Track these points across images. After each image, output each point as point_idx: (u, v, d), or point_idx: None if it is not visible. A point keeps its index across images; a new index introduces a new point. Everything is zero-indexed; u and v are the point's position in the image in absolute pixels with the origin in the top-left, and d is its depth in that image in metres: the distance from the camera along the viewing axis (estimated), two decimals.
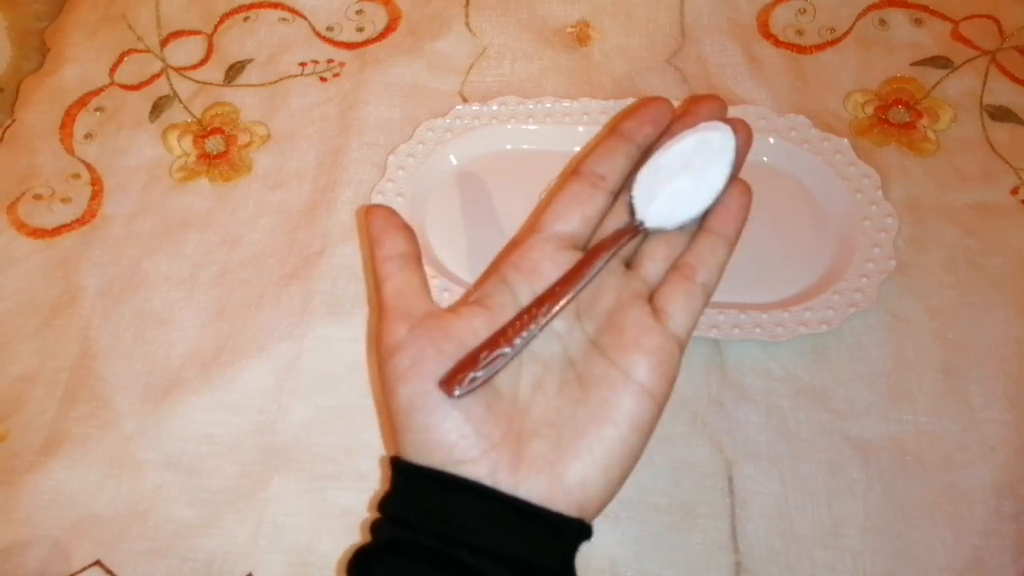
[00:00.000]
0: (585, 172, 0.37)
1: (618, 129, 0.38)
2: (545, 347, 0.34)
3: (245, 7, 0.59)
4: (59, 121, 0.55)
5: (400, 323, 0.34)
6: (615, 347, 0.34)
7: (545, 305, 0.34)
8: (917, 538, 0.41)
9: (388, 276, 0.35)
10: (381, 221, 0.36)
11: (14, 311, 0.48)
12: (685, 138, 0.36)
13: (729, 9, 0.57)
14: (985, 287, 0.47)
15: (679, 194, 0.36)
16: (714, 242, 0.36)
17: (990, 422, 0.43)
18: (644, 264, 0.36)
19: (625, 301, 0.35)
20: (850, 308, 0.44)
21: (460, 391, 0.32)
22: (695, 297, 0.35)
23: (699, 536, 0.41)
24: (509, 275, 0.36)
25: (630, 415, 0.32)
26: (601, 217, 0.37)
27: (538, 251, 0.36)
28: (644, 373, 0.33)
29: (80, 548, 0.42)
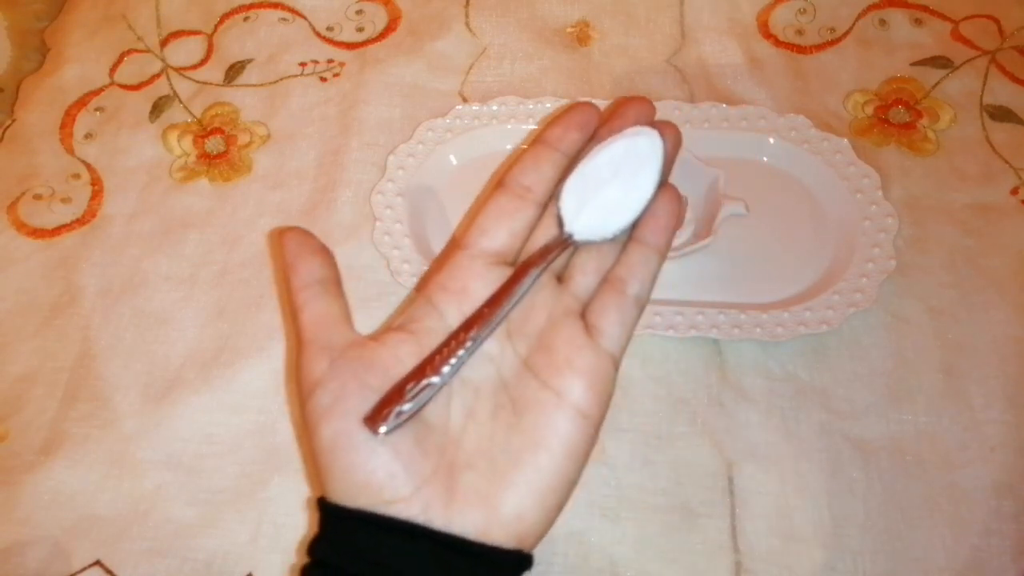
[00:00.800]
0: (510, 184, 0.35)
1: (543, 137, 0.36)
2: (476, 371, 0.33)
3: (245, 7, 0.59)
4: (59, 121, 0.55)
5: (320, 356, 0.32)
6: (548, 368, 0.32)
7: (473, 328, 0.32)
8: (917, 538, 0.41)
9: (305, 305, 0.33)
10: (296, 245, 0.34)
11: (14, 311, 0.48)
12: (611, 145, 0.35)
13: (729, 9, 0.57)
14: (985, 287, 0.47)
15: (608, 204, 0.34)
16: (645, 253, 0.34)
17: (990, 422, 0.43)
18: (575, 278, 0.34)
19: (557, 318, 0.33)
20: (850, 308, 0.44)
21: (386, 428, 0.30)
22: (628, 311, 0.33)
23: (699, 536, 0.41)
24: (436, 297, 0.34)
25: (565, 440, 0.31)
26: (529, 230, 0.35)
27: (465, 269, 0.34)
28: (578, 394, 0.31)
29: (80, 548, 0.42)
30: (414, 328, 0.33)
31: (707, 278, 0.47)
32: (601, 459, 0.43)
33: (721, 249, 0.48)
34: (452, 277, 0.34)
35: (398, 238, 0.48)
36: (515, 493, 0.30)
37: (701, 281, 0.47)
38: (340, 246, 0.49)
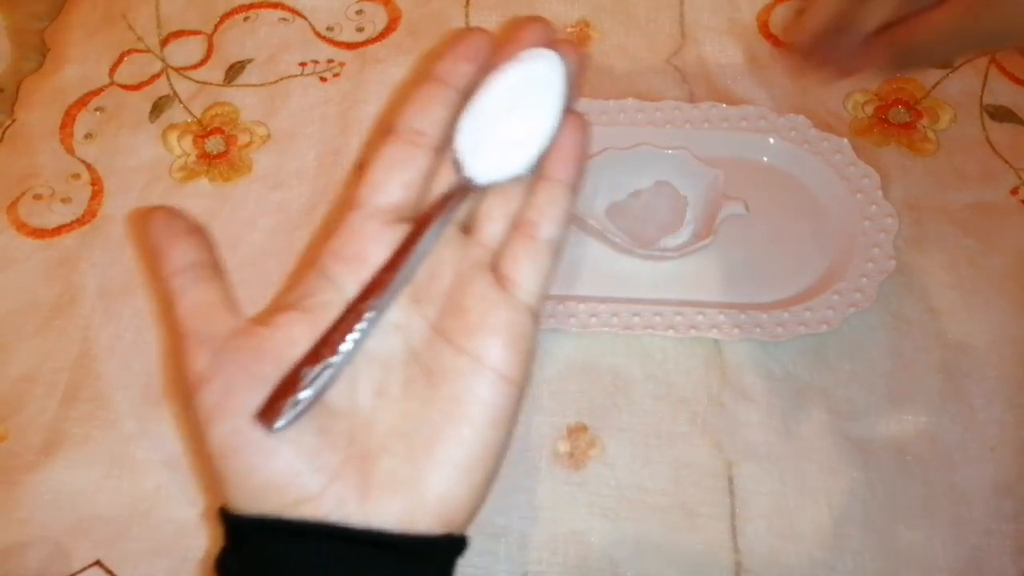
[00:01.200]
0: (400, 129, 0.31)
1: (432, 73, 0.32)
2: (382, 343, 0.29)
3: (245, 7, 0.59)
4: (59, 121, 0.55)
5: (201, 349, 0.28)
6: (461, 330, 0.29)
7: (372, 297, 0.29)
8: (917, 538, 0.41)
9: (180, 293, 0.30)
10: (163, 226, 0.30)
11: (14, 311, 0.48)
12: (506, 73, 0.31)
13: (729, 9, 0.57)
14: (985, 287, 0.47)
15: (508, 140, 0.31)
16: (554, 190, 0.31)
17: (990, 422, 0.43)
18: (482, 226, 0.31)
19: (465, 274, 0.30)
20: (850, 308, 0.44)
21: (282, 422, 0.27)
22: (542, 256, 0.30)
23: (699, 536, 0.41)
24: (329, 266, 0.30)
25: (487, 407, 0.28)
26: (427, 179, 0.31)
27: (359, 232, 0.30)
28: (497, 355, 0.28)
29: (80, 548, 0.42)
30: (307, 304, 0.29)
31: (707, 278, 0.47)
32: (601, 459, 0.43)
33: (721, 249, 0.48)
34: (345, 242, 0.30)
35: None
36: (438, 473, 0.28)
37: (701, 281, 0.47)
38: None
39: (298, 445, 0.27)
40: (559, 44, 0.32)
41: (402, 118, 0.32)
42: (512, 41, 0.32)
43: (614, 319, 0.45)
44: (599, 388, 0.45)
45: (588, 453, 0.43)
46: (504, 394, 0.29)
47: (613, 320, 0.45)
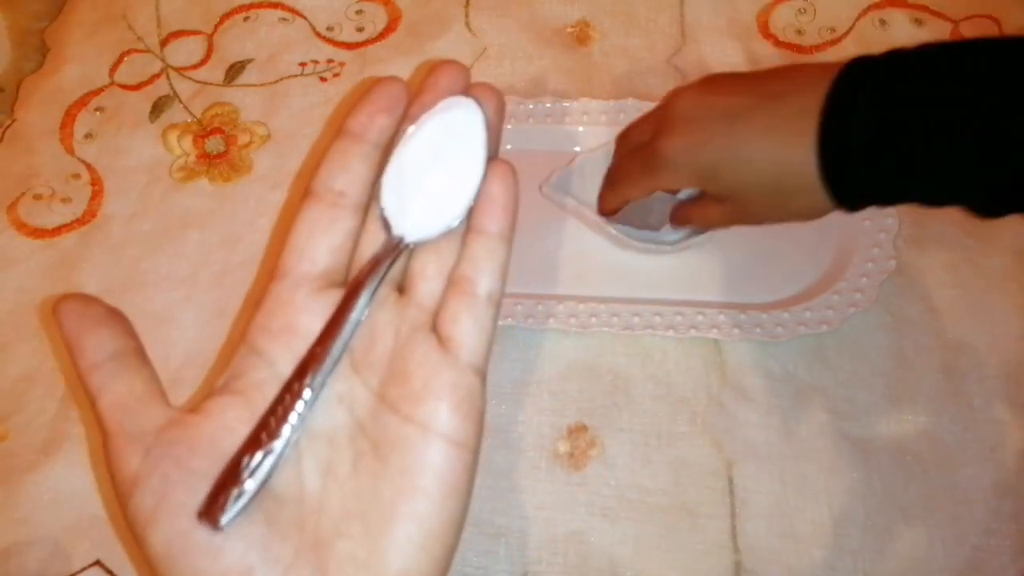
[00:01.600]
0: (319, 191, 0.30)
1: (347, 128, 0.31)
2: (325, 419, 0.28)
3: (245, 7, 0.59)
4: (59, 121, 0.55)
5: (131, 449, 0.26)
6: (405, 398, 0.28)
7: (309, 372, 0.27)
8: (917, 538, 0.41)
9: (101, 389, 0.27)
10: (74, 317, 0.28)
11: (14, 311, 0.48)
12: (425, 125, 0.30)
13: (729, 9, 0.57)
14: (985, 287, 0.47)
15: (435, 194, 0.30)
16: (488, 243, 0.29)
17: (990, 422, 0.43)
18: (416, 286, 0.30)
19: (405, 337, 0.29)
20: (850, 308, 0.44)
21: (226, 518, 0.25)
22: (482, 313, 0.29)
23: (699, 536, 0.41)
24: (260, 342, 0.28)
25: (441, 477, 0.27)
26: (353, 240, 0.30)
27: (287, 303, 0.29)
28: (445, 420, 0.27)
29: (80, 548, 0.42)
30: (239, 386, 0.28)
31: (707, 278, 0.47)
32: (601, 459, 0.43)
33: (722, 249, 0.48)
34: (273, 315, 0.29)
35: None
36: (397, 551, 0.26)
37: (701, 281, 0.47)
38: None
39: (247, 540, 0.26)
40: (476, 89, 0.31)
41: (320, 179, 0.30)
42: (427, 88, 0.31)
43: (614, 319, 0.45)
44: (599, 388, 0.45)
45: (588, 453, 0.43)
46: (457, 460, 0.27)
47: (613, 320, 0.45)
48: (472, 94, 0.30)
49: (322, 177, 0.30)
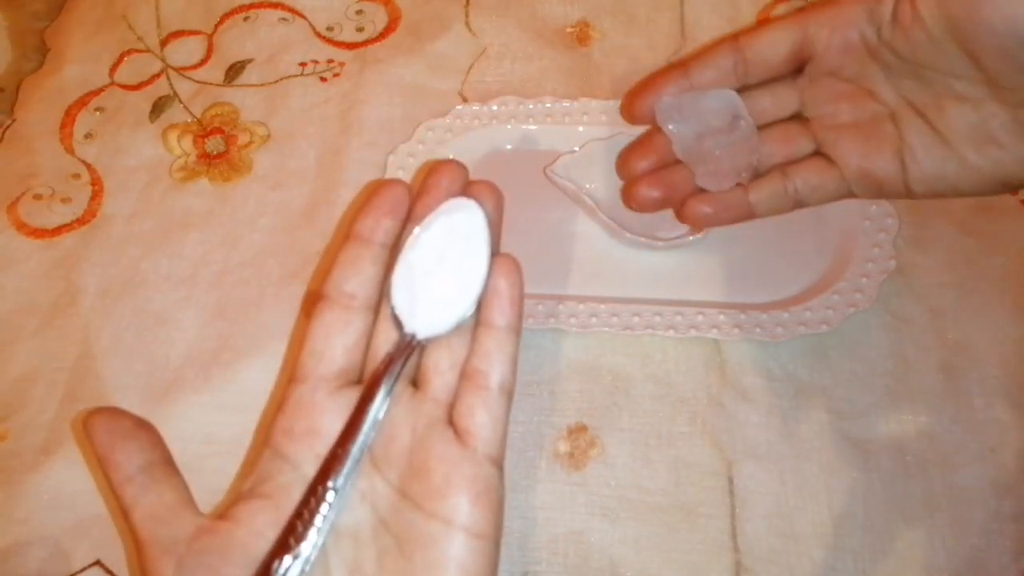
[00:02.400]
0: (332, 294, 0.32)
1: (355, 232, 0.32)
2: (349, 517, 0.29)
3: (245, 7, 0.59)
4: (59, 121, 0.55)
5: (164, 560, 0.28)
6: (426, 494, 0.29)
7: (332, 474, 0.28)
8: (917, 538, 0.41)
9: (133, 502, 0.29)
10: (104, 433, 0.30)
11: (14, 311, 0.48)
12: (430, 227, 0.32)
13: (729, 9, 0.57)
14: (985, 287, 0.47)
15: (443, 293, 0.31)
16: (497, 336, 0.31)
17: (990, 422, 0.43)
18: (431, 380, 0.31)
19: (422, 432, 0.30)
20: (850, 308, 0.44)
21: None
22: (495, 404, 0.30)
23: (699, 536, 0.41)
24: (283, 445, 0.30)
25: (463, 569, 0.28)
26: (367, 339, 0.32)
27: (308, 405, 0.30)
28: (465, 514, 0.28)
29: (80, 548, 0.42)
30: (266, 490, 0.29)
31: (707, 278, 0.47)
32: (601, 459, 0.43)
33: (721, 249, 0.48)
34: (295, 417, 0.30)
35: None
36: None
37: (701, 281, 0.47)
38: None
39: None
40: (475, 187, 0.32)
41: (332, 282, 0.32)
42: (428, 188, 0.33)
43: (614, 319, 0.45)
44: (599, 388, 0.45)
45: (588, 453, 0.43)
46: (479, 551, 0.28)
47: (613, 320, 0.45)
48: (472, 193, 0.32)
49: (335, 281, 0.32)
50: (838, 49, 0.36)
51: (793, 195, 0.39)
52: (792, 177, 0.39)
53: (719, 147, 0.39)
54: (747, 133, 0.39)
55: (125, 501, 0.29)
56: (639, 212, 0.40)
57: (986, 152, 0.34)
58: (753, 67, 0.38)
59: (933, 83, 0.34)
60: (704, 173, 0.40)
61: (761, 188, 0.39)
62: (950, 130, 0.34)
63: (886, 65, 0.36)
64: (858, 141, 0.37)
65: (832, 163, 0.38)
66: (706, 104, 0.39)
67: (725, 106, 0.39)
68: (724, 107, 0.39)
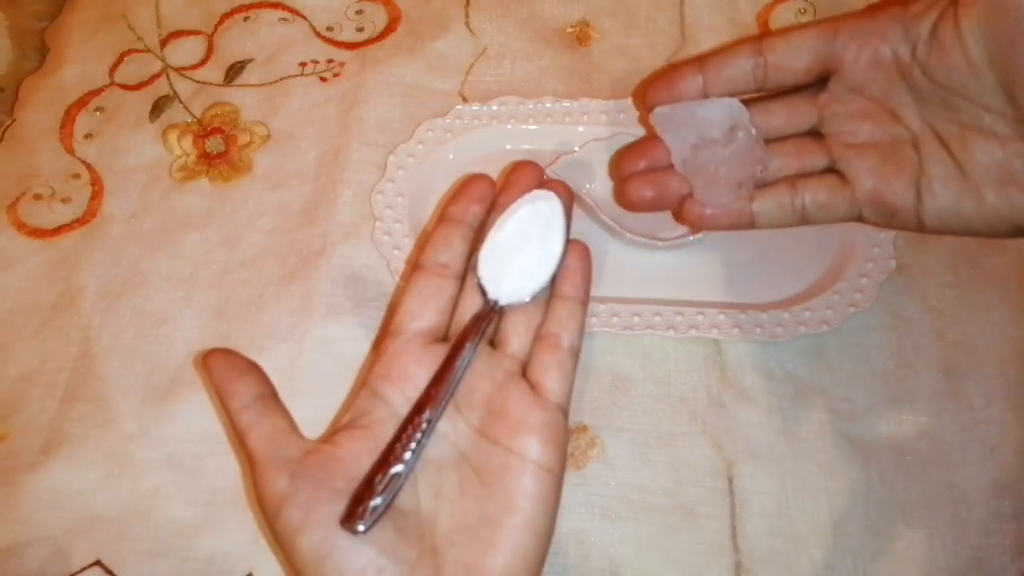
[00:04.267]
0: (428, 264, 0.37)
1: (447, 215, 0.38)
2: (434, 450, 0.34)
3: (245, 7, 0.59)
4: (59, 121, 0.55)
5: (278, 473, 0.32)
6: (503, 432, 0.34)
7: (426, 410, 0.33)
8: (917, 538, 0.41)
9: (250, 426, 0.34)
10: (223, 367, 0.35)
11: (14, 311, 0.48)
12: (516, 212, 0.37)
13: (729, 9, 0.57)
14: (985, 287, 0.47)
15: (524, 267, 0.37)
16: (570, 306, 0.36)
17: (990, 422, 0.43)
18: (509, 341, 0.36)
19: (500, 383, 0.35)
20: (850, 308, 0.44)
21: (364, 525, 0.31)
22: (566, 363, 0.35)
23: (699, 536, 0.41)
24: (380, 387, 0.35)
25: (534, 497, 0.33)
26: (454, 304, 0.37)
27: (403, 355, 0.35)
28: (537, 451, 0.33)
29: (80, 548, 0.42)
30: (365, 423, 0.34)
31: (707, 278, 0.47)
32: (601, 459, 0.43)
33: (721, 249, 0.48)
34: (391, 365, 0.35)
35: (398, 238, 0.48)
36: (499, 557, 0.32)
37: (701, 281, 0.47)
38: (340, 246, 0.49)
39: (380, 544, 0.31)
40: (551, 184, 0.38)
41: (427, 254, 0.37)
42: (510, 183, 0.39)
43: (614, 319, 0.45)
44: (599, 388, 0.45)
45: (588, 453, 0.43)
46: (547, 484, 0.33)
47: (613, 320, 0.45)
48: (549, 188, 0.38)
49: (430, 253, 0.37)
50: (867, 63, 0.35)
51: (799, 210, 0.38)
52: (801, 191, 0.37)
53: (715, 160, 0.37)
54: (746, 145, 0.37)
55: (242, 425, 0.33)
56: (631, 211, 0.41)
57: (1006, 193, 0.33)
58: (773, 71, 0.37)
59: (961, 112, 0.33)
60: (701, 186, 0.38)
61: (766, 198, 0.38)
62: (972, 165, 0.33)
63: (915, 87, 0.34)
64: (876, 163, 0.36)
65: (845, 182, 0.37)
66: (703, 114, 0.37)
67: (724, 116, 0.37)
68: (722, 117, 0.37)
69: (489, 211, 0.38)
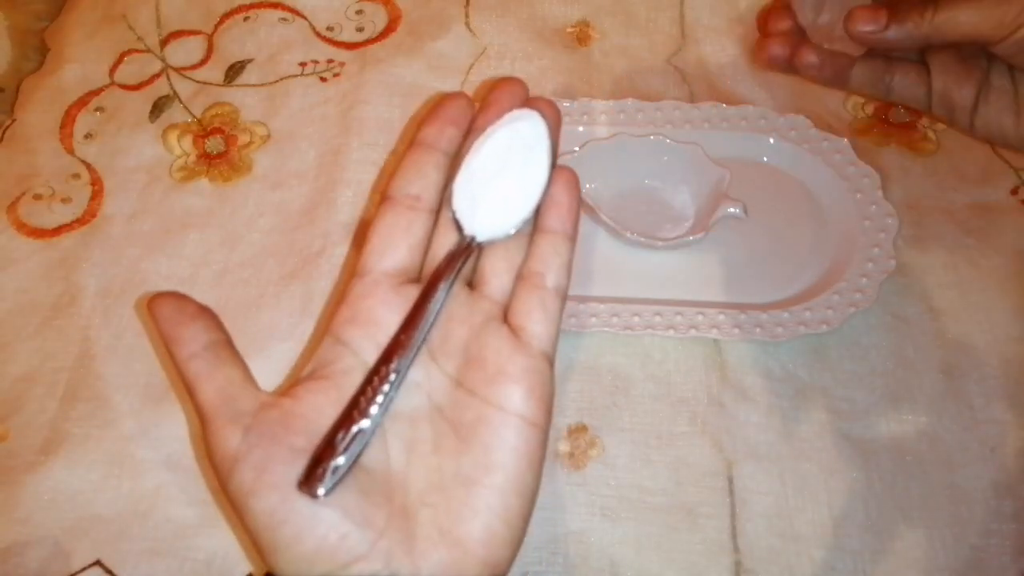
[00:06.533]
0: (397, 196, 0.33)
1: (419, 139, 0.34)
2: (406, 402, 0.30)
3: (245, 7, 0.59)
4: (59, 121, 0.55)
5: (230, 429, 0.29)
6: (481, 382, 0.30)
7: (394, 358, 0.30)
8: (917, 538, 0.41)
9: (199, 377, 0.30)
10: (170, 311, 0.31)
11: (14, 311, 0.48)
12: (493, 135, 0.33)
13: (729, 9, 0.57)
14: (985, 287, 0.47)
15: (504, 198, 0.32)
16: (555, 241, 0.32)
17: (990, 422, 0.43)
18: (488, 281, 0.33)
19: (478, 327, 0.31)
20: (850, 308, 0.44)
21: (324, 488, 0.28)
22: (551, 304, 0.32)
23: (699, 536, 0.41)
24: (344, 333, 0.31)
25: (516, 453, 0.29)
26: (427, 241, 0.33)
27: (369, 297, 0.32)
28: (519, 402, 0.30)
29: (80, 548, 0.42)
30: (328, 372, 0.31)
31: (707, 278, 0.47)
32: (601, 459, 0.43)
33: (721, 249, 0.48)
34: (357, 308, 0.32)
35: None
36: (478, 520, 0.29)
37: (701, 281, 0.47)
38: (340, 246, 0.49)
39: (343, 508, 0.28)
40: (535, 103, 0.34)
41: (396, 184, 0.33)
42: (490, 103, 0.34)
43: (614, 319, 0.45)
44: (599, 388, 0.45)
45: (588, 453, 0.43)
46: (530, 438, 0.30)
47: (613, 320, 0.45)
48: (533, 107, 0.33)
49: (399, 183, 0.33)
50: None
51: (886, 86, 0.41)
52: (894, 72, 0.41)
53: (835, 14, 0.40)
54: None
55: (190, 376, 0.30)
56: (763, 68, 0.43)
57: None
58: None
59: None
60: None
61: (864, 65, 0.41)
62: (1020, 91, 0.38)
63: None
64: (954, 61, 0.39)
65: (927, 75, 0.40)
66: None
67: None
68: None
69: (466, 136, 0.34)
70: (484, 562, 0.29)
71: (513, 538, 0.29)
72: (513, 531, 0.29)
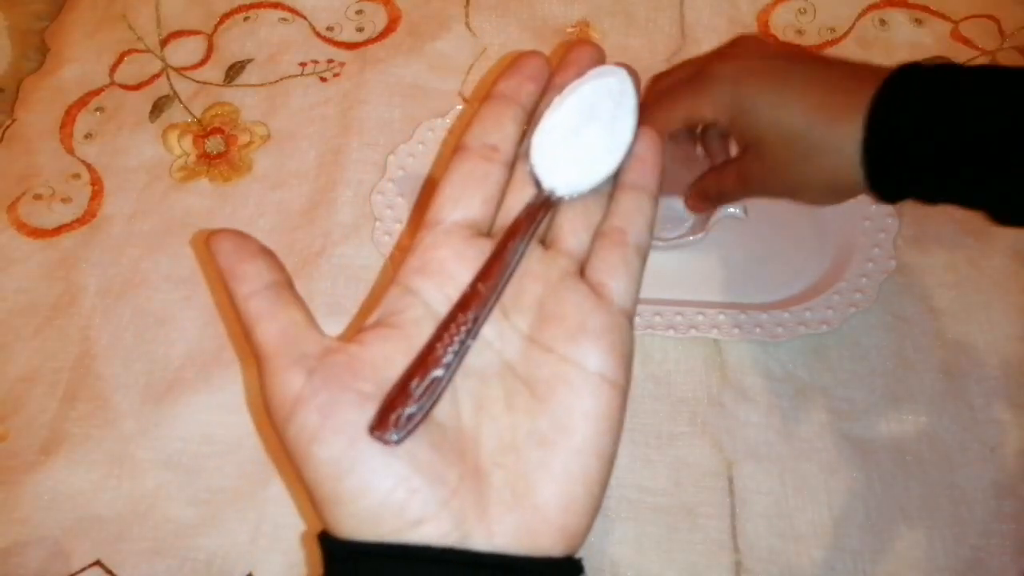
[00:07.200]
0: (474, 145, 0.31)
1: (498, 91, 0.32)
2: (476, 359, 0.28)
3: (245, 7, 0.59)
4: (59, 121, 0.55)
5: (293, 370, 0.27)
6: (559, 338, 0.28)
7: (472, 308, 0.28)
8: (917, 538, 0.41)
9: (260, 315, 0.28)
10: (231, 247, 0.29)
11: (14, 311, 0.48)
12: (578, 89, 0.32)
13: (729, 9, 0.57)
14: (985, 287, 0.47)
15: (586, 153, 0.31)
16: (638, 198, 0.31)
17: (990, 422, 0.43)
18: (564, 238, 0.31)
19: (555, 284, 0.29)
20: (850, 308, 0.44)
21: (398, 435, 0.25)
22: (632, 262, 0.30)
23: (699, 536, 0.41)
24: (414, 282, 0.29)
25: (596, 413, 0.27)
26: (501, 194, 0.31)
27: (441, 247, 0.30)
28: (598, 360, 0.28)
29: (80, 548, 0.42)
30: (396, 321, 0.28)
31: (707, 278, 0.47)
32: None
33: (721, 249, 0.48)
34: (427, 258, 0.30)
35: (398, 238, 0.48)
36: (555, 484, 0.27)
37: (701, 281, 0.47)
38: (340, 246, 0.49)
39: (414, 460, 0.26)
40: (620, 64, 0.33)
41: (473, 134, 0.31)
42: (569, 62, 0.33)
43: None
44: None
45: None
46: (609, 399, 0.28)
47: None
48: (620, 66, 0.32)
49: (476, 133, 0.31)
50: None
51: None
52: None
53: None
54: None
55: (251, 314, 0.28)
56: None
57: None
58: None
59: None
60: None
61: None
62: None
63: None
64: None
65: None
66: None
67: None
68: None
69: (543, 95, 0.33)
70: (561, 529, 0.27)
71: (592, 505, 0.27)
72: (592, 498, 0.27)
